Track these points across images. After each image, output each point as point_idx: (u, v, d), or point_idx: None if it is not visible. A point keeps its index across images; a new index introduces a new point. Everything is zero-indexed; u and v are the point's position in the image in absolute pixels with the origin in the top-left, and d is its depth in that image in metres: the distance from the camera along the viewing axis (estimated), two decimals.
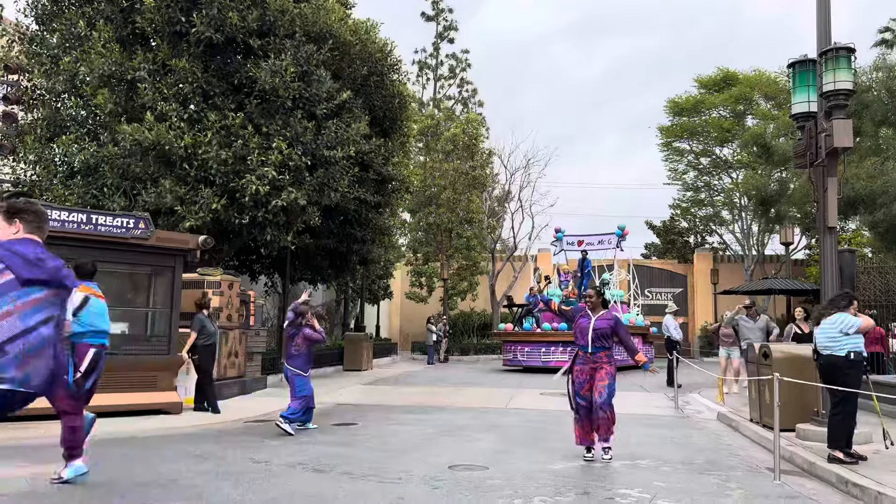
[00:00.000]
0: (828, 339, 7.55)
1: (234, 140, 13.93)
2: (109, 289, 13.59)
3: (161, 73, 14.41)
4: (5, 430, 8.92)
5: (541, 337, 23.05)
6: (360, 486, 6.42)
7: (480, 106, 43.39)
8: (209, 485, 6.34)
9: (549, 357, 22.54)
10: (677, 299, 37.81)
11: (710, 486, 6.66)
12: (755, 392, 10.45)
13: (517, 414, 12.14)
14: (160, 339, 11.36)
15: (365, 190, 16.92)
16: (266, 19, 14.40)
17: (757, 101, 34.02)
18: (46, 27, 15.86)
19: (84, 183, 14.23)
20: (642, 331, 25.08)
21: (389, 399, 14.45)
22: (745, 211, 34.50)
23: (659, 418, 11.92)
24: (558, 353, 22.23)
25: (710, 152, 35.71)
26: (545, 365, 22.26)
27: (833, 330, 7.52)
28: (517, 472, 7.14)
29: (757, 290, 23.39)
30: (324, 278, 21.80)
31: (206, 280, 13.43)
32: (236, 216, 14.20)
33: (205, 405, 11.45)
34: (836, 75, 8.99)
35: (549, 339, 22.77)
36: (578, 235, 28.42)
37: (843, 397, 7.37)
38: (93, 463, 7.17)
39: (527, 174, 37.52)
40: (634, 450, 8.64)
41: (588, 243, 27.21)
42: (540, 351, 22.86)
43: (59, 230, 10.12)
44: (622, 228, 26.94)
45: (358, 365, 22.48)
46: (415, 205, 31.89)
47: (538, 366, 22.56)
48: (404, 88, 19.01)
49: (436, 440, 9.15)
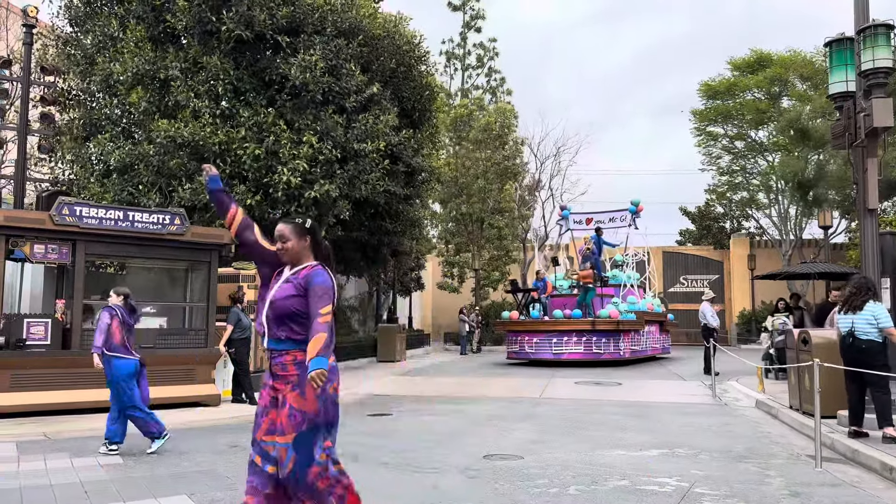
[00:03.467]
0: (867, 323, 7.80)
1: (267, 135, 14.07)
2: (147, 284, 13.93)
3: (193, 71, 14.59)
4: (46, 425, 9.17)
5: (551, 326, 20.61)
6: (396, 475, 6.46)
7: (509, 95, 43.14)
8: (246, 475, 6.43)
9: (562, 348, 20.20)
10: (714, 286, 37.31)
11: (750, 475, 6.57)
12: (795, 378, 10.27)
13: (551, 403, 12.10)
14: (197, 333, 11.54)
15: (395, 182, 16.96)
16: (296, 16, 14.48)
17: (792, 83, 33.28)
18: (80, 29, 16.16)
19: (120, 181, 14.49)
20: (660, 317, 23.65)
21: (423, 389, 14.52)
22: (781, 194, 33.84)
23: (696, 406, 11.79)
24: (572, 345, 20.09)
25: (746, 135, 35.08)
26: (557, 358, 20.19)
27: (870, 316, 7.80)
28: (553, 461, 7.12)
29: (796, 273, 22.85)
30: (356, 270, 21.93)
31: (242, 274, 13.61)
32: (270, 211, 14.35)
33: (242, 397, 11.64)
34: (875, 53, 8.75)
35: (560, 327, 20.35)
36: (587, 213, 26.39)
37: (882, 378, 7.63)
38: (132, 455, 7.34)
39: (557, 162, 37.32)
40: (672, 438, 8.56)
41: (598, 221, 24.91)
42: (551, 341, 20.39)
43: (97, 227, 10.33)
44: (636, 204, 24.45)
45: (391, 356, 22.62)
46: (445, 195, 31.87)
47: (549, 358, 20.33)
48: (432, 80, 18.99)
49: (470, 430, 9.17)
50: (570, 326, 20.11)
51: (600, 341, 19.81)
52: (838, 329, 8.21)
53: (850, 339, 7.91)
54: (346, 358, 20.66)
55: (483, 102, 36.90)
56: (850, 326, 7.93)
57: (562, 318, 20.49)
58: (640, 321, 21.30)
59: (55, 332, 10.15)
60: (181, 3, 14.01)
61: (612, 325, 19.72)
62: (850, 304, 8.02)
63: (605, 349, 19.80)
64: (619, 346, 19.94)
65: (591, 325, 19.77)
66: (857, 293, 7.98)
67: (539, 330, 20.84)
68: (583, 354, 19.85)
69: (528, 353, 20.81)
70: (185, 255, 11.57)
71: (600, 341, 19.81)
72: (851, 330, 7.91)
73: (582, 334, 19.94)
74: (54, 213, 10.02)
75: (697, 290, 37.04)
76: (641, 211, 24.38)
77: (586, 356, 19.80)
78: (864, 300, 7.88)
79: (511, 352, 21.76)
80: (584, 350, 19.86)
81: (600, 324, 19.75)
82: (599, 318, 19.94)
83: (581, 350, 19.92)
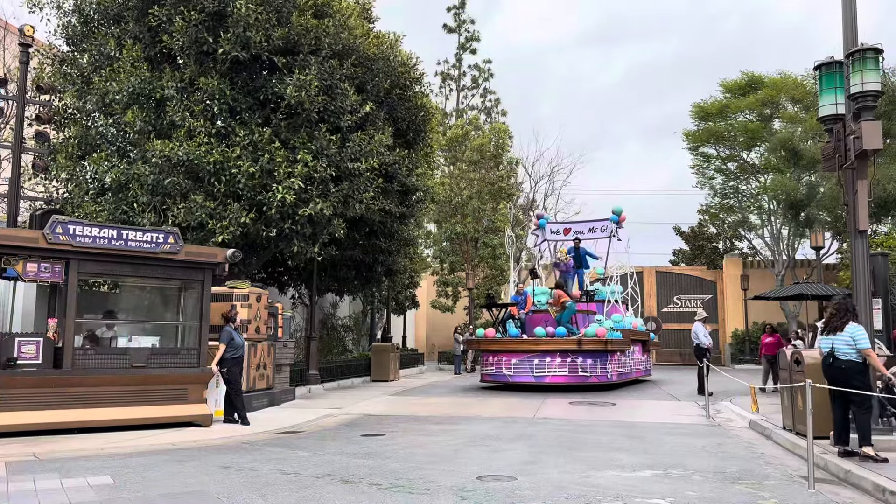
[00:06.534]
0: (846, 344, 7.97)
1: (261, 154, 14.11)
2: (140, 303, 13.89)
3: (189, 91, 14.65)
4: (35, 445, 9.10)
5: (532, 345, 18.26)
6: (388, 497, 6.43)
7: (504, 115, 43.42)
8: (238, 496, 6.39)
9: (544, 371, 18.05)
10: (707, 306, 37.39)
11: (743, 496, 6.56)
12: (788, 399, 10.28)
13: (546, 423, 12.07)
14: (190, 352, 11.50)
15: (389, 201, 17.01)
16: (291, 37, 14.59)
17: (783, 105, 33.57)
18: (77, 48, 16.24)
19: (115, 200, 14.48)
20: (643, 336, 21.92)
21: (417, 409, 14.46)
22: (774, 215, 34.02)
23: (690, 427, 11.78)
24: (555, 367, 17.97)
25: (738, 157, 35.32)
26: (538, 381, 18.09)
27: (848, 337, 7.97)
28: (546, 482, 7.10)
29: (788, 295, 22.93)
30: (350, 289, 21.90)
31: (235, 293, 13.59)
32: (264, 229, 14.36)
33: (234, 417, 11.57)
34: (864, 76, 8.89)
35: (542, 347, 18.10)
36: (565, 223, 25.04)
37: (865, 398, 7.76)
38: (124, 475, 7.28)
39: (551, 182, 37.46)
40: (665, 459, 8.54)
41: (577, 231, 22.90)
42: (531, 363, 18.15)
43: (91, 246, 10.32)
44: (618, 213, 22.18)
45: (385, 375, 22.52)
46: (440, 215, 31.94)
47: (529, 382, 18.21)
48: (427, 101, 19.09)
49: (464, 450, 9.13)
50: (553, 346, 17.99)
51: (586, 363, 17.84)
52: (820, 350, 8.40)
53: (831, 359, 8.08)
54: (339, 377, 20.57)
55: (478, 123, 37.11)
56: (831, 347, 8.11)
57: (544, 337, 18.29)
58: (627, 340, 19.30)
59: (47, 351, 10.10)
60: (178, 23, 14.10)
61: (600, 345, 17.71)
62: (830, 326, 8.22)
63: (593, 372, 17.86)
64: (607, 369, 18.12)
65: (577, 344, 17.65)
66: (837, 314, 8.17)
67: (518, 350, 18.52)
68: (567, 377, 17.90)
69: (506, 376, 18.60)
70: (178, 273, 11.56)
71: (586, 363, 17.84)
72: (832, 350, 8.08)
73: (566, 355, 17.88)
74: (48, 232, 10.01)
75: (691, 309, 37.09)
76: (624, 221, 22.31)
77: (571, 379, 17.88)
78: (844, 321, 8.05)
79: (486, 374, 19.38)
80: (570, 373, 17.87)
81: (587, 343, 17.66)
82: (586, 337, 17.85)
83: (566, 373, 17.90)
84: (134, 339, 11.61)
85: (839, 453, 7.98)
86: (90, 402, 10.29)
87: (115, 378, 10.53)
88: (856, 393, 7.73)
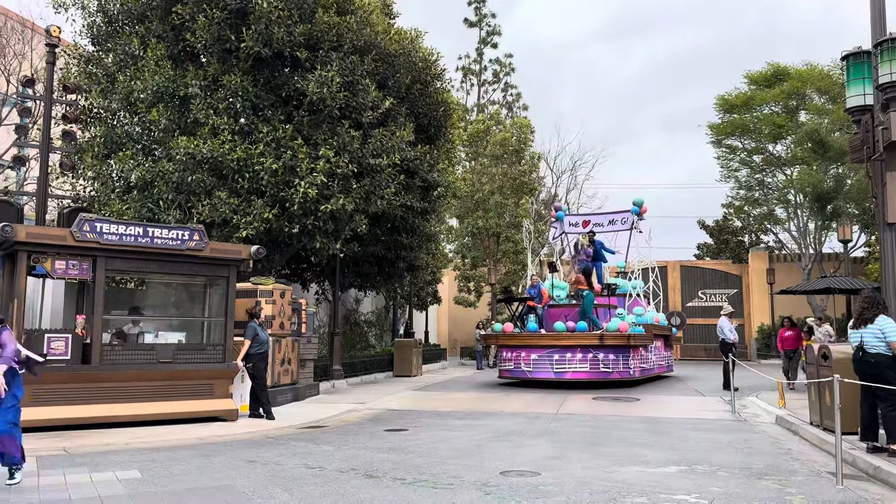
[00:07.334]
0: (874, 337, 7.87)
1: (284, 151, 14.21)
2: (166, 299, 14.07)
3: (212, 89, 14.80)
4: (65, 439, 9.25)
5: (552, 340, 17.92)
6: (412, 491, 6.45)
7: (525, 109, 43.30)
8: (264, 490, 6.46)
9: (564, 366, 17.70)
10: (732, 300, 36.99)
11: (770, 492, 6.50)
12: (815, 394, 10.14)
13: (569, 419, 12.03)
14: (215, 348, 11.61)
15: (411, 197, 17.03)
16: (313, 33, 14.66)
17: (810, 96, 33.05)
18: (102, 48, 16.45)
19: (140, 197, 14.67)
20: (665, 331, 21.56)
21: (439, 405, 14.49)
22: (800, 208, 33.54)
23: (715, 422, 11.68)
24: (576, 362, 17.64)
25: (763, 149, 34.85)
26: (558, 378, 17.70)
27: (877, 330, 7.87)
28: (570, 477, 7.08)
29: (815, 289, 22.59)
30: (372, 285, 21.99)
31: (259, 289, 13.70)
32: (287, 225, 14.46)
33: (259, 412, 11.68)
34: (893, 66, 8.72)
35: (562, 342, 17.75)
36: (584, 215, 24.28)
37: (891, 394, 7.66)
38: (151, 469, 7.39)
39: (573, 177, 37.28)
40: (690, 455, 8.48)
41: (596, 223, 22.27)
42: (551, 358, 17.82)
43: (118, 244, 10.46)
44: (639, 204, 21.57)
45: (408, 371, 22.61)
46: (462, 210, 31.94)
47: (549, 378, 17.83)
48: (448, 96, 19.08)
49: (487, 446, 9.14)
50: (574, 341, 17.66)
51: (608, 358, 17.51)
52: (851, 344, 8.29)
53: (860, 353, 8.00)
54: (362, 372, 20.68)
55: (500, 117, 37.02)
56: (860, 340, 8.03)
57: (564, 332, 17.91)
58: (650, 335, 18.94)
59: (75, 347, 10.26)
60: (200, 21, 14.22)
61: (622, 340, 17.43)
62: (860, 319, 8.11)
63: (615, 367, 17.51)
64: (629, 364, 17.73)
65: (598, 339, 17.34)
66: (868, 308, 8.08)
67: (538, 345, 18.14)
68: (588, 374, 17.55)
69: (525, 372, 18.27)
70: (203, 270, 11.67)
71: (608, 358, 17.51)
72: (861, 344, 8.00)
73: (588, 350, 17.54)
74: (75, 230, 10.15)
75: (716, 304, 36.74)
76: (645, 212, 21.72)
77: (593, 375, 17.52)
78: (875, 314, 7.96)
79: (504, 370, 19.06)
80: (591, 368, 17.53)
81: (609, 338, 17.35)
82: (608, 332, 17.56)
83: (587, 368, 17.57)
84: (160, 335, 11.76)
85: (868, 449, 7.87)
86: (118, 398, 10.44)
87: (143, 373, 10.68)
88: (883, 389, 7.63)
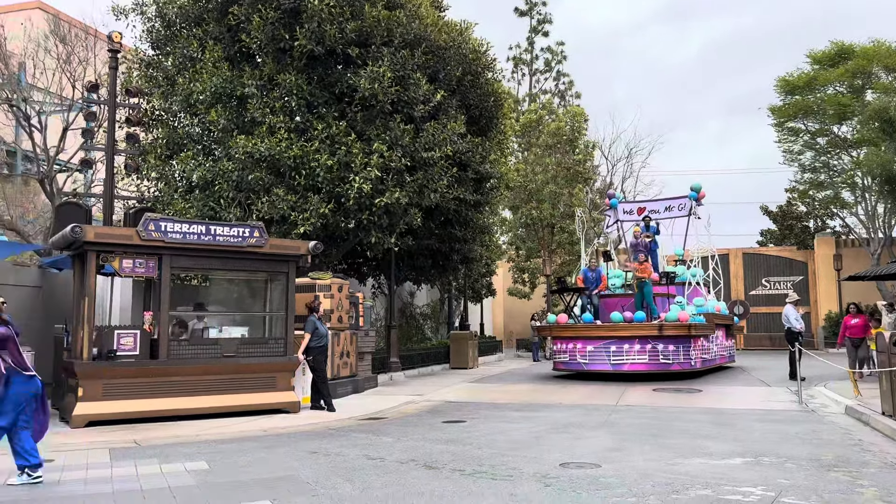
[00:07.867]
0: None
1: (338, 147, 14.39)
2: (228, 295, 14.43)
3: (268, 88, 15.08)
4: (135, 432, 9.59)
5: (609, 331, 17.40)
6: (471, 483, 6.48)
7: (578, 98, 42.75)
8: (327, 481, 6.58)
9: (622, 358, 17.19)
10: (798, 288, 35.88)
11: (840, 484, 6.30)
12: (887, 383, 9.77)
13: (629, 410, 11.89)
14: (277, 342, 11.87)
15: (464, 189, 17.03)
16: (363, 29, 14.78)
17: (877, 74, 31.71)
18: (161, 51, 16.92)
19: (202, 196, 15.06)
20: (727, 320, 20.99)
21: (496, 396, 14.49)
22: (868, 191, 32.28)
23: (781, 413, 11.37)
24: (634, 353, 17.11)
25: (828, 131, 33.64)
26: (616, 370, 17.22)
27: None
28: (631, 469, 7.00)
29: (885, 274, 21.68)
30: (427, 278, 22.10)
31: (318, 283, 13.93)
32: (343, 220, 14.66)
33: (321, 404, 11.90)
34: None
35: (620, 333, 17.22)
36: (639, 202, 23.61)
37: None
38: (218, 460, 7.60)
39: (629, 165, 36.65)
40: (756, 446, 8.28)
41: (652, 210, 21.61)
42: (608, 350, 17.30)
43: (181, 242, 10.78)
44: (697, 190, 20.89)
45: (464, 363, 22.68)
46: (515, 201, 31.76)
47: (605, 370, 17.37)
48: (499, 86, 18.97)
49: (545, 437, 9.10)
50: (631, 332, 17.16)
51: (668, 349, 16.92)
52: None
53: None
54: (419, 365, 20.83)
55: (552, 107, 36.65)
56: None
57: (621, 322, 17.41)
58: (711, 325, 18.30)
59: (143, 342, 10.62)
60: (255, 22, 14.50)
61: (683, 330, 16.75)
62: None
63: (675, 358, 16.92)
64: (690, 355, 17.09)
65: (657, 329, 16.80)
66: None
67: (594, 336, 17.63)
68: (647, 365, 17.08)
69: (580, 364, 17.82)
70: (264, 266, 11.94)
71: (668, 349, 16.92)
72: None
73: (646, 341, 17.00)
74: (141, 229, 10.49)
75: (781, 292, 35.73)
76: (703, 198, 20.98)
77: (652, 367, 17.02)
78: None
79: (559, 362, 18.64)
80: (650, 360, 17.04)
81: (668, 328, 16.78)
82: (667, 322, 17.02)
83: (646, 360, 17.08)
84: (224, 329, 12.08)
85: None
86: (185, 391, 10.77)
87: (208, 367, 10.99)
88: None
